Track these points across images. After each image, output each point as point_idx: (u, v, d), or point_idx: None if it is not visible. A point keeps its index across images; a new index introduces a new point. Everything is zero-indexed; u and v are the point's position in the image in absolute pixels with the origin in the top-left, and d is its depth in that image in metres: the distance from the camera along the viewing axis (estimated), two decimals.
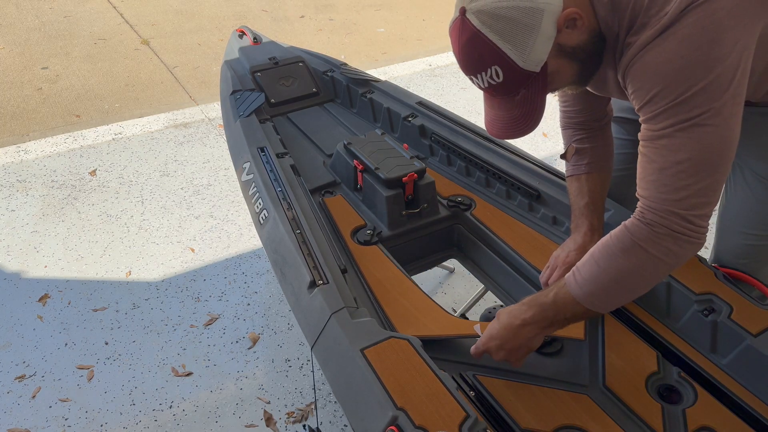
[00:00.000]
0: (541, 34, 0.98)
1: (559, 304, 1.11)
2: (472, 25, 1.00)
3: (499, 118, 1.12)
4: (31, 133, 3.29)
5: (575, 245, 1.36)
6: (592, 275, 1.07)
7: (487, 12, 0.98)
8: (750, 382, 1.20)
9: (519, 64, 1.01)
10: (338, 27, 4.76)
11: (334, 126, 2.05)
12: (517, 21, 0.98)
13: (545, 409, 1.17)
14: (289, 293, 1.43)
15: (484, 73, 1.04)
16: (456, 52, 1.07)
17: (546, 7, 0.97)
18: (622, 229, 1.06)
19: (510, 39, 0.99)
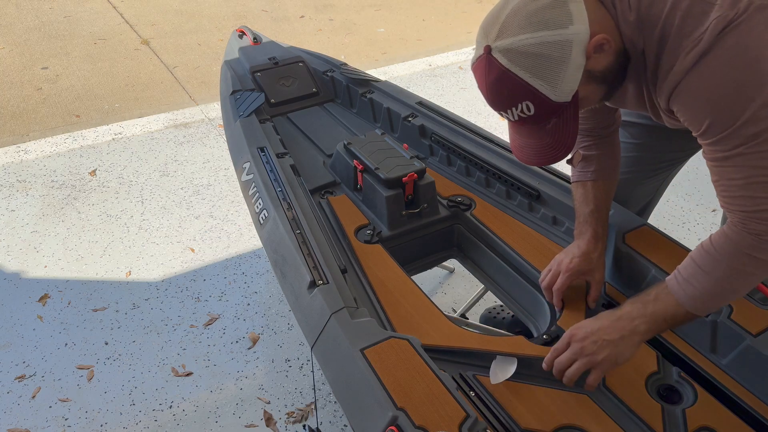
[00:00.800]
0: (571, 65, 0.97)
1: (661, 303, 1.11)
2: (499, 63, 0.98)
3: (530, 145, 1.10)
4: (31, 133, 3.29)
5: (579, 251, 1.36)
6: (697, 280, 1.08)
7: (515, 50, 0.97)
8: (750, 382, 1.20)
9: (551, 98, 0.99)
10: (338, 27, 4.76)
11: (334, 126, 2.05)
12: (547, 56, 0.96)
13: (545, 409, 1.17)
14: (289, 293, 1.43)
15: (515, 108, 1.03)
16: (483, 90, 1.05)
17: (574, 38, 0.96)
18: (725, 238, 1.06)
19: (540, 74, 0.97)
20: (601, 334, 1.14)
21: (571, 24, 0.96)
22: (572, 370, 1.16)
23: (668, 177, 1.67)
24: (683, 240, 2.44)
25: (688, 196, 2.76)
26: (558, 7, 0.96)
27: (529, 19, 0.96)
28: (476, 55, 1.03)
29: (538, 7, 0.96)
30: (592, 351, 1.13)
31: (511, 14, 0.98)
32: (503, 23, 0.98)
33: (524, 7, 0.97)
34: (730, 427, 1.14)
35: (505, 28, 0.98)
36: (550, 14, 0.96)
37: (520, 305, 1.56)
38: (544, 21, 0.96)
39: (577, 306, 1.39)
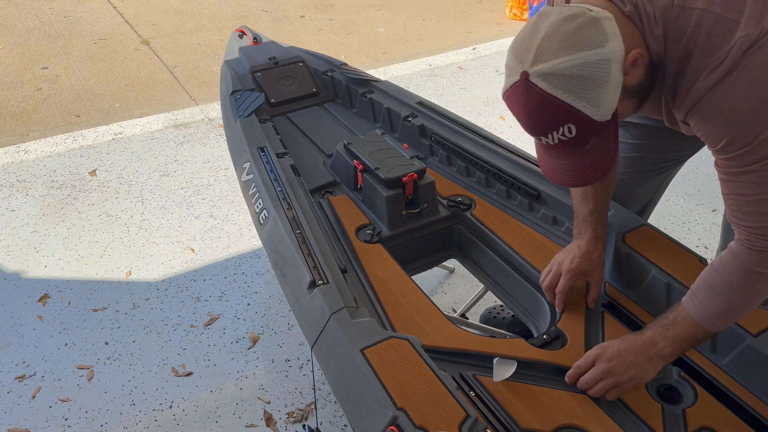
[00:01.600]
0: (611, 83, 0.96)
1: (680, 325, 1.14)
2: (539, 89, 0.96)
3: (567, 167, 1.08)
4: (31, 133, 3.29)
5: (579, 251, 1.36)
6: (711, 300, 1.10)
7: (556, 73, 0.95)
8: (750, 382, 1.20)
9: (594, 118, 0.98)
10: (338, 27, 4.76)
11: (334, 126, 2.05)
12: (588, 77, 0.95)
13: (545, 409, 1.17)
14: (289, 293, 1.43)
15: (556, 132, 1.00)
16: (521, 116, 1.02)
17: (612, 56, 0.95)
18: (732, 257, 1.08)
19: (583, 95, 0.96)
20: (628, 355, 1.17)
21: (607, 42, 0.95)
22: (597, 389, 1.18)
23: (668, 177, 1.67)
24: (683, 240, 2.44)
25: (688, 196, 2.76)
26: (593, 26, 0.95)
27: (567, 40, 0.95)
28: (510, 82, 1.00)
29: (573, 27, 0.95)
30: (618, 371, 1.16)
31: (546, 37, 0.96)
32: (539, 47, 0.96)
33: (558, 29, 0.95)
34: (730, 427, 1.14)
35: (541, 52, 0.96)
36: (586, 34, 0.95)
37: (520, 305, 1.56)
38: (581, 41, 0.94)
39: (577, 306, 1.39)
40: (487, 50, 4.27)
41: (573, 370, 1.22)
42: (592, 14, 0.96)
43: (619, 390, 1.18)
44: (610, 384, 1.17)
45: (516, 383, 1.22)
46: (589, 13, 0.96)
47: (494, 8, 5.20)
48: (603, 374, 1.17)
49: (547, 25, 0.97)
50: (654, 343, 1.16)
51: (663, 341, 1.16)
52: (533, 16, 1.03)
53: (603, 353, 1.19)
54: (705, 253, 2.43)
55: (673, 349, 1.15)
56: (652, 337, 1.17)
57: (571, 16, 0.96)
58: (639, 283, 1.40)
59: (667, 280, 1.33)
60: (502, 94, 1.04)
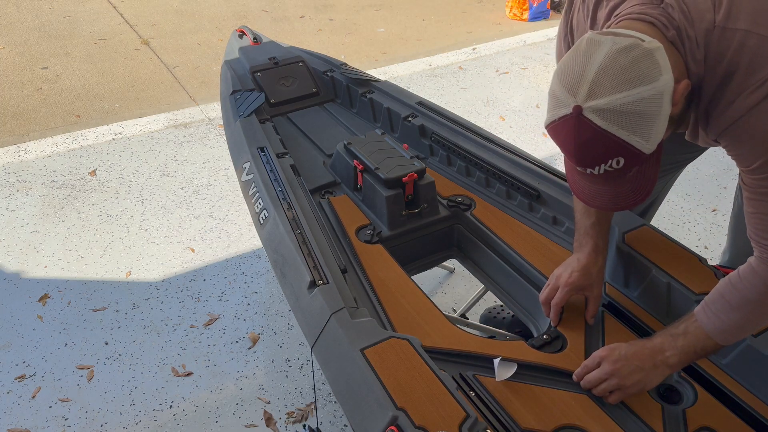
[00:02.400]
0: (662, 116, 0.94)
1: (690, 336, 1.14)
2: (594, 124, 0.93)
3: (606, 192, 1.06)
4: (31, 133, 3.29)
5: (579, 265, 1.34)
6: (726, 314, 1.10)
7: (612, 110, 0.92)
8: (750, 382, 1.20)
9: (644, 152, 0.96)
10: (338, 27, 4.76)
11: (334, 126, 2.05)
12: (643, 112, 0.92)
13: (545, 409, 1.17)
14: (289, 293, 1.43)
15: (604, 164, 0.98)
16: (570, 149, 0.99)
17: (664, 88, 0.93)
18: (752, 274, 1.08)
19: (637, 131, 0.93)
20: (635, 360, 1.17)
21: (661, 75, 0.93)
22: (600, 389, 1.19)
23: (672, 178, 1.67)
24: (683, 240, 2.44)
25: (688, 196, 2.76)
26: (648, 59, 0.92)
27: (624, 75, 0.92)
28: (560, 113, 0.97)
29: (629, 61, 0.92)
30: (624, 374, 1.17)
31: (601, 71, 0.92)
32: (593, 81, 0.93)
33: (614, 62, 0.92)
34: (730, 427, 1.14)
35: (596, 87, 0.92)
36: (642, 68, 0.92)
37: (520, 305, 1.56)
38: (639, 76, 0.92)
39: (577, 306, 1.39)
40: (487, 50, 4.27)
41: (581, 369, 1.22)
42: (645, 46, 0.93)
43: (622, 394, 1.18)
44: (613, 385, 1.17)
45: (516, 383, 1.22)
46: (642, 45, 0.93)
47: (494, 8, 5.21)
48: (607, 375, 1.17)
49: (601, 56, 0.93)
50: (662, 351, 1.16)
51: (671, 350, 1.15)
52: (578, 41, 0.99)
53: (610, 355, 1.19)
54: (705, 253, 2.43)
55: (680, 359, 1.15)
56: (660, 344, 1.17)
57: (626, 48, 0.93)
58: (639, 283, 1.40)
59: (667, 280, 1.33)
60: (547, 124, 1.01)
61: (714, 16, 0.96)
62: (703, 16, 0.97)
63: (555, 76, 1.00)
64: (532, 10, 4.92)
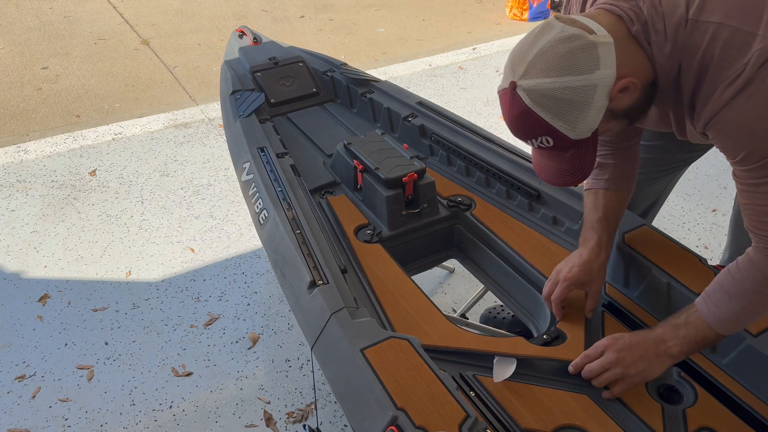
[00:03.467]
0: (593, 108, 0.98)
1: (692, 326, 1.15)
2: (522, 101, 1.00)
3: (550, 167, 1.13)
4: (31, 133, 3.29)
5: (580, 260, 1.35)
6: (725, 305, 1.11)
7: (539, 92, 0.98)
8: (750, 382, 1.20)
9: (569, 136, 1.01)
10: (338, 27, 4.76)
11: (334, 126, 2.05)
12: (569, 100, 0.97)
13: (545, 409, 1.17)
14: (289, 293, 1.43)
15: (535, 140, 1.05)
16: (506, 119, 1.07)
17: (599, 82, 0.97)
18: (750, 264, 1.09)
19: (561, 116, 0.99)
20: (638, 349, 1.18)
21: (597, 69, 0.96)
22: (603, 378, 1.19)
23: (674, 179, 1.67)
24: (683, 240, 2.44)
25: (688, 196, 2.76)
26: (586, 51, 0.96)
27: (556, 62, 0.96)
28: (502, 85, 1.04)
29: (566, 50, 0.96)
30: (627, 363, 1.17)
31: (539, 54, 0.98)
32: (530, 62, 0.98)
33: (552, 48, 0.97)
34: (730, 427, 1.14)
35: (531, 68, 0.98)
36: (577, 59, 0.96)
37: (520, 305, 1.56)
38: (570, 65, 0.96)
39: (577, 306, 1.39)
40: (487, 50, 4.27)
41: (580, 359, 1.22)
42: (590, 39, 0.96)
43: (625, 384, 1.18)
44: (617, 374, 1.17)
45: (516, 383, 1.22)
46: (587, 38, 0.96)
47: (494, 8, 5.21)
48: (611, 364, 1.18)
49: (545, 41, 0.98)
50: (664, 341, 1.17)
51: (673, 340, 1.16)
52: (540, 22, 1.05)
53: (614, 344, 1.19)
54: (705, 253, 2.43)
55: (682, 349, 1.16)
56: (662, 334, 1.17)
57: (569, 38, 0.97)
58: (639, 283, 1.40)
59: (667, 280, 1.33)
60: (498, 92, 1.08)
61: (686, 9, 0.98)
62: (674, 10, 0.98)
63: (510, 51, 1.06)
64: (532, 10, 4.92)
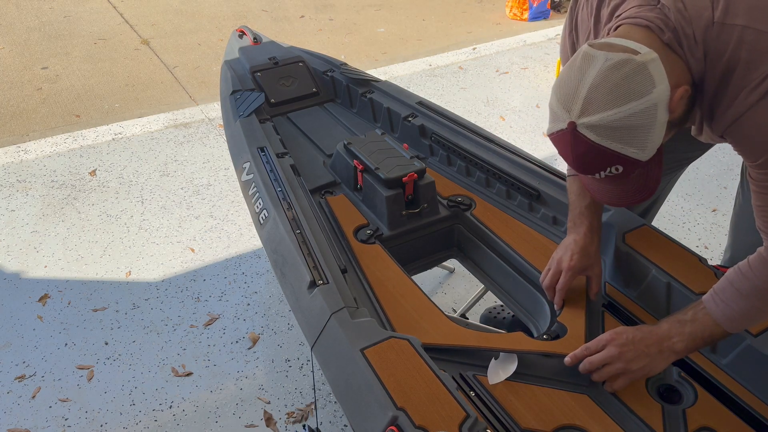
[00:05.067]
0: (657, 125, 0.96)
1: (698, 323, 1.14)
2: (588, 139, 0.97)
3: (613, 191, 1.10)
4: (31, 133, 3.29)
5: (577, 247, 1.35)
6: (735, 302, 1.11)
7: (604, 126, 0.95)
8: (750, 382, 1.20)
9: (641, 159, 0.99)
10: (338, 27, 4.76)
11: (334, 126, 2.05)
12: (636, 125, 0.95)
13: (545, 409, 1.17)
14: (289, 293, 1.43)
15: (603, 171, 1.02)
16: (569, 159, 1.04)
17: (658, 99, 0.95)
18: (762, 263, 1.08)
19: (631, 142, 0.96)
20: (641, 345, 1.16)
21: (654, 87, 0.94)
22: (604, 372, 1.18)
23: (675, 177, 1.67)
24: (683, 240, 2.44)
25: (688, 196, 2.76)
26: (640, 73, 0.94)
27: (614, 92, 0.94)
28: (557, 127, 1.01)
29: (621, 77, 0.94)
30: (629, 359, 1.16)
31: (593, 88, 0.95)
32: (586, 98, 0.95)
33: (606, 80, 0.94)
34: (730, 427, 1.14)
35: (589, 104, 0.95)
36: (634, 83, 0.94)
37: (520, 305, 1.56)
38: (629, 92, 0.93)
39: (577, 307, 1.39)
40: (487, 50, 4.27)
41: (580, 350, 1.21)
42: (637, 60, 0.94)
43: (626, 379, 1.17)
44: (619, 369, 1.16)
45: (516, 383, 1.22)
46: (635, 60, 0.94)
47: (494, 8, 5.21)
48: (613, 358, 1.17)
49: (593, 73, 0.95)
50: (669, 337, 1.16)
51: (678, 336, 1.15)
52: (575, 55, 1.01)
53: (616, 338, 1.18)
54: (705, 253, 2.43)
55: (687, 345, 1.15)
56: (668, 330, 1.16)
57: (618, 65, 0.94)
58: (639, 283, 1.40)
59: (667, 280, 1.33)
60: (548, 134, 1.05)
61: (712, 12, 0.97)
62: (701, 14, 0.97)
63: (553, 89, 1.03)
64: (532, 10, 4.92)
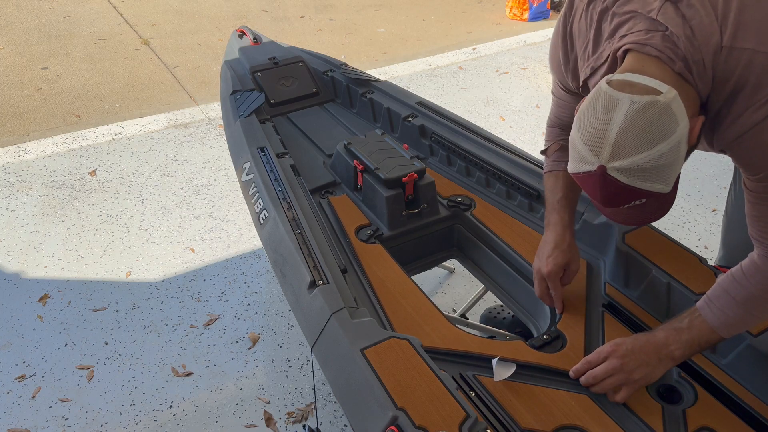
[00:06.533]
0: (680, 159, 0.98)
1: (695, 330, 1.16)
2: (618, 181, 0.97)
3: (631, 215, 1.10)
4: (31, 133, 3.29)
5: (550, 249, 1.38)
6: (730, 309, 1.12)
7: (635, 169, 0.96)
8: (750, 382, 1.20)
9: (664, 193, 1.00)
10: (338, 27, 4.76)
11: (334, 126, 2.05)
12: (664, 165, 0.96)
13: (545, 409, 1.17)
14: (289, 293, 1.43)
15: (627, 204, 1.03)
16: (597, 198, 1.04)
17: (681, 136, 0.96)
18: (756, 270, 1.10)
19: (659, 179, 0.97)
20: (642, 355, 1.18)
21: (677, 126, 0.95)
22: (606, 384, 1.19)
23: None
24: (683, 240, 2.44)
25: (688, 196, 2.76)
26: (665, 114, 0.95)
27: (643, 136, 0.94)
28: (584, 168, 1.01)
29: (648, 121, 0.94)
30: (630, 369, 1.18)
31: (622, 133, 0.95)
32: (615, 143, 0.95)
33: (633, 124, 0.95)
34: (730, 427, 1.14)
35: (618, 149, 0.96)
36: (661, 125, 0.94)
37: (520, 305, 1.56)
38: (657, 135, 0.94)
39: (577, 306, 1.39)
40: (487, 50, 4.27)
41: (581, 365, 1.23)
42: (662, 101, 0.95)
43: (629, 389, 1.18)
44: (621, 380, 1.18)
45: (516, 383, 1.22)
46: (659, 101, 0.95)
47: (494, 8, 5.21)
48: (615, 370, 1.18)
49: (620, 117, 0.95)
50: (666, 345, 1.17)
51: (675, 344, 1.17)
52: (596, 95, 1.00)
53: (617, 350, 1.20)
54: (705, 253, 2.43)
55: (684, 352, 1.17)
56: (665, 338, 1.18)
57: (644, 108, 0.95)
58: (639, 283, 1.40)
59: (667, 280, 1.33)
60: (571, 173, 1.05)
61: (720, 37, 0.98)
62: (709, 39, 0.98)
63: (576, 130, 1.02)
64: (532, 10, 4.92)
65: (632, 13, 1.06)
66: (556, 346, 1.32)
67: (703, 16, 0.99)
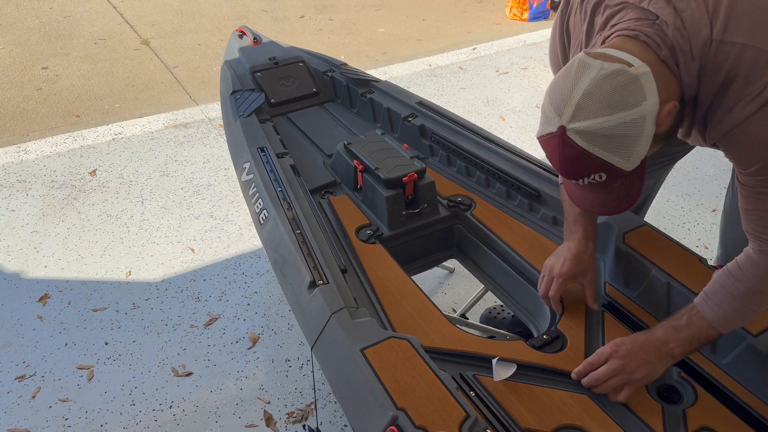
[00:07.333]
0: (644, 137, 0.98)
1: (694, 327, 1.16)
2: (576, 144, 0.98)
3: (595, 198, 1.12)
4: (31, 133, 3.29)
5: (570, 254, 1.36)
6: (728, 304, 1.13)
7: (593, 132, 0.97)
8: (750, 382, 1.20)
9: (625, 169, 1.01)
10: (338, 27, 4.76)
11: (334, 126, 2.05)
12: (624, 135, 0.97)
13: (545, 409, 1.17)
14: (289, 293, 1.43)
15: (587, 177, 1.03)
16: (555, 163, 1.05)
17: (647, 112, 0.97)
18: (753, 265, 1.10)
19: (617, 151, 0.98)
20: (642, 354, 1.18)
21: (644, 100, 0.96)
22: (608, 385, 1.19)
23: (665, 174, 1.67)
24: (683, 240, 2.44)
25: (688, 196, 2.76)
26: (632, 85, 0.96)
27: (606, 101, 0.96)
28: (546, 130, 1.02)
29: (613, 87, 0.96)
30: (632, 369, 1.18)
31: (586, 95, 0.97)
32: (578, 105, 0.97)
33: (598, 88, 0.96)
34: (730, 427, 1.14)
35: (580, 110, 0.97)
36: (625, 94, 0.95)
37: (520, 305, 1.56)
38: (620, 102, 0.95)
39: (577, 306, 1.39)
40: (487, 50, 4.27)
41: (583, 367, 1.23)
42: (631, 72, 0.96)
43: (631, 389, 1.18)
44: (623, 380, 1.18)
45: (516, 383, 1.22)
46: (629, 71, 0.96)
47: (494, 8, 5.21)
48: (616, 371, 1.18)
49: (587, 81, 0.97)
50: (666, 343, 1.18)
51: (675, 341, 1.17)
52: (571, 61, 1.02)
53: (617, 351, 1.20)
54: (705, 253, 2.43)
55: (684, 349, 1.17)
56: (664, 337, 1.18)
57: (612, 74, 0.96)
58: (639, 283, 1.40)
59: (667, 280, 1.33)
60: (537, 136, 1.06)
61: (711, 30, 0.98)
62: (699, 31, 0.99)
63: (546, 93, 1.04)
64: (532, 10, 4.92)
65: (624, 4, 1.07)
66: (556, 346, 1.32)
67: (695, 8, 0.99)
